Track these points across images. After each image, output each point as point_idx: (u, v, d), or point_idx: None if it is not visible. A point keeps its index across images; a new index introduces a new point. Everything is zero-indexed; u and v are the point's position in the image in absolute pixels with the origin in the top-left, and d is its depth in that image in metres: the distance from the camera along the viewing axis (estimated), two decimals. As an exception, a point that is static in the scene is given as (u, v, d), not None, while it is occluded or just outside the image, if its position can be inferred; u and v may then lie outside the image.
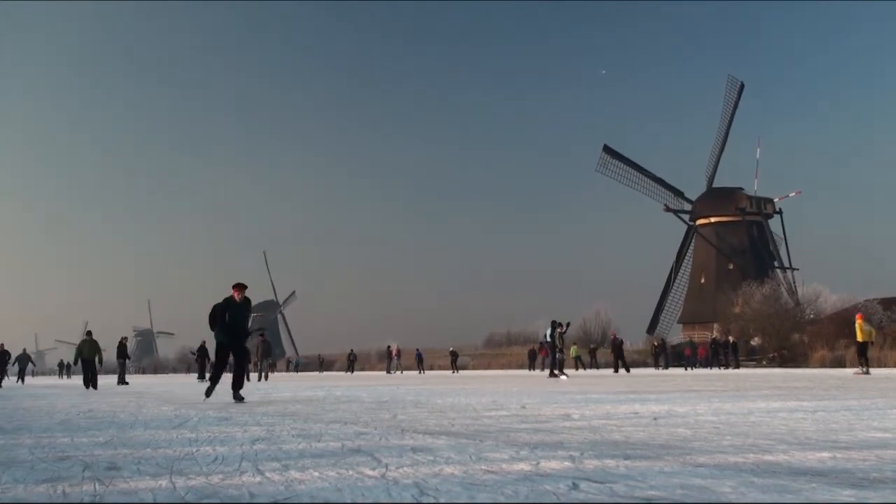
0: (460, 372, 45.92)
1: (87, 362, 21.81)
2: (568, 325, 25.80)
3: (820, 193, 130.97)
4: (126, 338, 30.24)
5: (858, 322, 25.51)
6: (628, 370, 32.79)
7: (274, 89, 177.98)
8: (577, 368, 42.95)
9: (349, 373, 50.77)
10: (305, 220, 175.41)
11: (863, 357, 24.65)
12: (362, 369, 61.64)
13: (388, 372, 47.51)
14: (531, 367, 47.04)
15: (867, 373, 23.46)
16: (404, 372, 47.53)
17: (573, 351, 46.39)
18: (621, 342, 36.09)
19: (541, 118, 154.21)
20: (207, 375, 30.00)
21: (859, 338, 25.08)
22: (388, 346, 52.20)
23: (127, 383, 26.79)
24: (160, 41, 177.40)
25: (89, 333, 22.53)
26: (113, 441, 5.43)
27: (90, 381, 21.36)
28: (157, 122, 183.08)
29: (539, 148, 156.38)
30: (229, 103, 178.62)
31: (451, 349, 53.12)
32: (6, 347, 31.17)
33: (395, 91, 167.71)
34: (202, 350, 32.24)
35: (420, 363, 51.15)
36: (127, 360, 29.99)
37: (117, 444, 5.18)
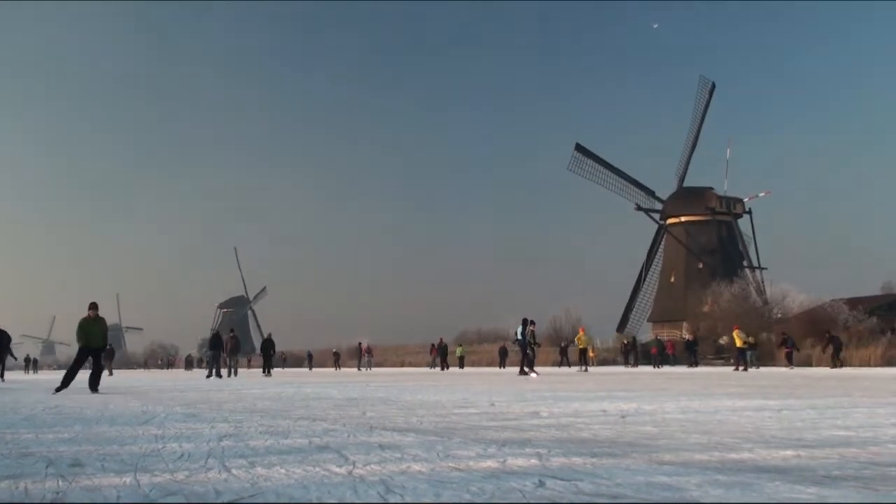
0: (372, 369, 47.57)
1: (92, 352, 14.52)
2: (533, 322, 25.86)
3: (789, 194, 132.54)
4: (227, 331, 29.18)
5: (580, 334, 36.55)
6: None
7: (249, 87, 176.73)
8: (461, 367, 46.34)
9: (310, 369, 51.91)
10: (276, 217, 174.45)
11: (583, 358, 34.73)
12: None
13: (359, 369, 47.62)
14: (502, 364, 47.25)
15: (586, 370, 31.45)
16: (373, 369, 47.59)
17: (458, 351, 48.62)
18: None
19: (512, 117, 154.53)
20: (222, 370, 29.62)
21: (580, 346, 35.50)
22: (360, 343, 52.30)
23: (220, 377, 26.20)
24: (143, 38, 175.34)
25: (94, 307, 14.44)
26: (78, 437, 5.36)
27: (95, 380, 14.34)
28: (130, 118, 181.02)
29: (511, 147, 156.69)
30: (202, 101, 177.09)
31: (359, 342, 54.69)
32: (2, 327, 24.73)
33: (372, 88, 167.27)
34: (216, 340, 30.87)
35: (310, 361, 57.50)
36: (221, 353, 29.13)
37: (82, 441, 5.11)
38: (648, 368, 38.38)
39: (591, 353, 52.10)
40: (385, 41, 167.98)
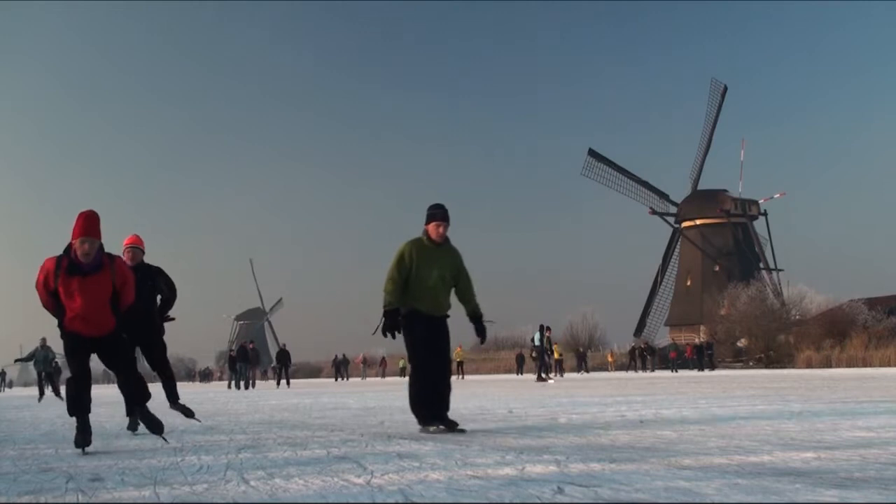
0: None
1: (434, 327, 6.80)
2: (549, 329, 25.84)
3: (804, 194, 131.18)
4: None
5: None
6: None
7: (259, 94, 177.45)
8: (403, 375, 46.93)
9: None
10: (291, 227, 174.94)
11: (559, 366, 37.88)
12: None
13: (336, 379, 47.75)
14: (519, 371, 47.17)
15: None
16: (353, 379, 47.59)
17: (401, 363, 49.99)
18: None
19: (525, 122, 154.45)
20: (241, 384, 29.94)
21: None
22: (336, 356, 52.18)
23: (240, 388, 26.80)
24: (143, 43, 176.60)
25: (442, 215, 6.80)
26: (97, 452, 5.39)
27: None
28: (141, 129, 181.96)
29: (524, 152, 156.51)
30: (213, 111, 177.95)
31: (334, 355, 54.11)
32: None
33: (380, 93, 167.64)
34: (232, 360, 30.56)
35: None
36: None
37: (101, 455, 5.14)
38: (667, 373, 38.18)
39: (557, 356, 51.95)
40: (387, 43, 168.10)
